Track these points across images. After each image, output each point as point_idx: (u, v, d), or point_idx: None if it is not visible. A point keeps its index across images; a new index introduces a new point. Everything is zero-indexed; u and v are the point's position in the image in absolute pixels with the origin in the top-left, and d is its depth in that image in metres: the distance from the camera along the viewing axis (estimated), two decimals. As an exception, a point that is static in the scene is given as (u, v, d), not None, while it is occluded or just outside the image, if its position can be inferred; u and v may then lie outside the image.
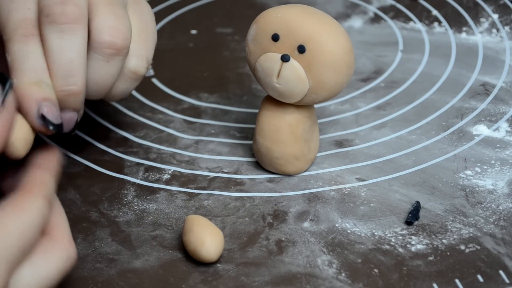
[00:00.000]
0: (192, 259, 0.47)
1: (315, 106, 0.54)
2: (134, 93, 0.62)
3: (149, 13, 0.52)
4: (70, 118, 0.46)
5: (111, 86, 0.48)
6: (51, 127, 0.44)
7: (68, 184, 0.53)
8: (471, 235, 0.49)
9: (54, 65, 0.45)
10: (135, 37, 0.48)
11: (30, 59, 0.44)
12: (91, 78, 0.47)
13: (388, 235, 0.49)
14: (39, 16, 0.45)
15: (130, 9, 0.50)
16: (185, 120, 0.59)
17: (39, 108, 0.44)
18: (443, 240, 0.48)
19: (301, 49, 0.48)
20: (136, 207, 0.51)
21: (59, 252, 0.42)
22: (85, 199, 0.52)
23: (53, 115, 0.44)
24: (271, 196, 0.52)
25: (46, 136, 0.57)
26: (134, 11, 0.50)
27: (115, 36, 0.46)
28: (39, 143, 0.46)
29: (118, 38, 0.46)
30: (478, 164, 0.54)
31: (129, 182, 0.53)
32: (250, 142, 0.56)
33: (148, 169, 0.55)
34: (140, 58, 0.49)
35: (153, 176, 0.54)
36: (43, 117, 0.44)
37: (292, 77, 0.49)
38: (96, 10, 0.46)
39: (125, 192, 0.53)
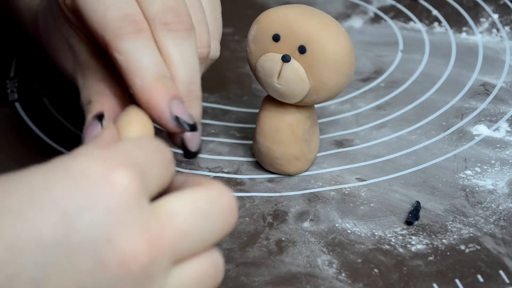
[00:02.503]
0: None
1: (315, 106, 0.54)
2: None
3: None
4: (196, 132, 0.42)
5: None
6: (187, 128, 0.41)
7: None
8: (471, 235, 0.49)
9: (177, 71, 0.42)
10: (208, 19, 0.46)
11: (147, 55, 0.41)
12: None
13: (388, 235, 0.49)
14: (150, 23, 0.42)
15: None
16: (185, 120, 0.59)
17: (171, 110, 0.41)
18: (443, 240, 0.48)
19: (302, 50, 0.48)
20: (136, 207, 0.51)
21: (212, 189, 0.37)
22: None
23: (186, 114, 0.41)
24: (271, 196, 0.52)
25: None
26: None
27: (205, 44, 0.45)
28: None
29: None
30: (478, 164, 0.54)
31: (129, 182, 0.53)
32: (250, 142, 0.56)
33: (148, 169, 0.54)
34: (214, 42, 0.47)
35: (153, 176, 0.54)
36: (177, 118, 0.41)
37: (292, 78, 0.49)
38: None
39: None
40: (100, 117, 0.42)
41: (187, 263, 0.36)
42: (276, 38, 0.49)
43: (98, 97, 0.44)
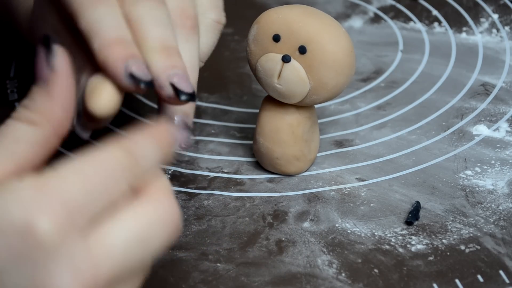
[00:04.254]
0: (193, 259, 0.47)
1: (315, 106, 0.54)
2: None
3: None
4: (183, 75, 0.42)
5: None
6: (142, 85, 0.40)
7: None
8: (471, 235, 0.49)
9: (147, 31, 0.42)
10: None
11: (107, 19, 0.41)
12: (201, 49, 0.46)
13: (388, 235, 0.49)
14: None
15: None
16: (185, 120, 0.59)
17: (126, 67, 0.40)
18: (443, 240, 0.48)
19: (302, 50, 0.48)
20: (136, 207, 0.51)
21: (155, 209, 0.35)
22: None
23: (142, 71, 0.40)
24: (271, 196, 0.52)
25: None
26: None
27: (219, 14, 0.48)
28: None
29: (221, 15, 0.48)
30: (478, 164, 0.54)
31: (129, 182, 0.53)
32: (250, 142, 0.56)
33: (148, 169, 0.54)
34: (218, 8, 0.49)
35: (153, 176, 0.54)
36: (132, 76, 0.40)
37: (293, 78, 0.49)
38: None
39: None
40: (47, 40, 0.38)
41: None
42: (276, 38, 0.49)
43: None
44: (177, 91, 0.41)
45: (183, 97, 0.41)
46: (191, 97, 0.41)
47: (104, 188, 0.34)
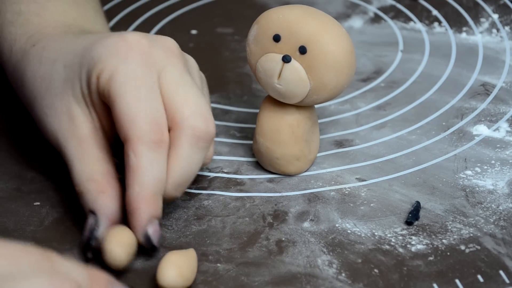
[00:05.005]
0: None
1: (316, 106, 0.54)
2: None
3: (199, 71, 0.52)
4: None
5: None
6: (151, 247, 0.46)
7: (68, 184, 0.53)
8: (471, 235, 0.49)
9: (176, 174, 0.46)
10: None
11: (155, 169, 0.45)
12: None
13: (388, 235, 0.49)
14: (179, 123, 0.46)
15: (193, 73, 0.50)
16: (185, 120, 0.59)
17: (147, 227, 0.45)
18: (443, 240, 0.48)
19: (302, 50, 0.48)
20: (136, 207, 0.51)
21: None
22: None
23: (157, 236, 0.46)
24: (271, 196, 0.52)
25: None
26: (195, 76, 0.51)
27: (208, 125, 0.47)
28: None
29: (210, 127, 0.47)
30: (478, 164, 0.54)
31: (129, 182, 0.53)
32: (250, 142, 0.56)
33: (148, 169, 0.54)
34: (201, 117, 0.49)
35: (153, 176, 0.54)
36: (147, 236, 0.45)
37: (293, 78, 0.49)
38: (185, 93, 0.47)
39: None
40: (94, 216, 0.46)
41: None
42: (276, 38, 0.49)
43: (104, 179, 0.47)
44: (148, 240, 0.46)
45: (152, 249, 0.46)
46: (156, 250, 0.46)
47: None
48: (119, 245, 0.45)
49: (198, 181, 0.53)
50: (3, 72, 0.61)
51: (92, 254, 0.46)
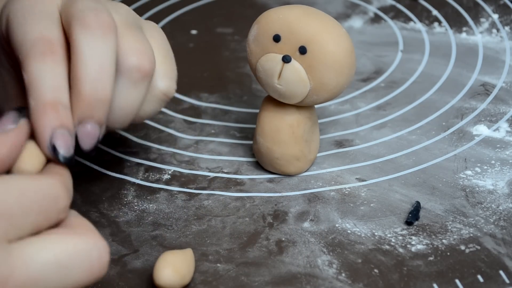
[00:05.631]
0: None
1: (316, 106, 0.54)
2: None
3: (163, 36, 0.50)
4: (93, 132, 0.43)
5: (137, 111, 0.46)
6: (61, 160, 0.42)
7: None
8: (471, 235, 0.49)
9: (82, 69, 0.43)
10: (160, 59, 0.47)
11: (47, 78, 0.42)
12: (117, 104, 0.45)
13: (388, 235, 0.49)
14: (69, 21, 0.44)
15: (146, 33, 0.48)
16: (185, 120, 0.59)
17: (51, 137, 0.41)
18: (443, 240, 0.48)
19: (303, 50, 0.48)
20: (136, 207, 0.51)
21: (82, 241, 0.38)
22: (85, 199, 0.52)
23: (66, 146, 0.42)
24: (271, 196, 0.52)
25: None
26: (150, 35, 0.48)
27: (142, 59, 0.45)
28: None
29: (145, 61, 0.45)
30: (478, 164, 0.54)
31: (129, 182, 0.53)
32: (250, 142, 0.56)
33: (148, 169, 0.55)
34: (170, 80, 0.48)
35: (153, 176, 0.54)
36: (54, 148, 0.42)
37: (293, 78, 0.49)
38: (119, 33, 0.45)
39: (125, 192, 0.53)
40: (20, 110, 0.42)
41: None
42: (276, 38, 0.49)
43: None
44: (55, 152, 0.42)
45: (61, 159, 0.42)
46: (69, 161, 0.42)
47: (37, 209, 0.36)
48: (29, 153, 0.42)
49: (198, 181, 0.54)
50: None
51: None
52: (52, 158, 0.42)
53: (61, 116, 0.42)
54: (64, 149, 0.42)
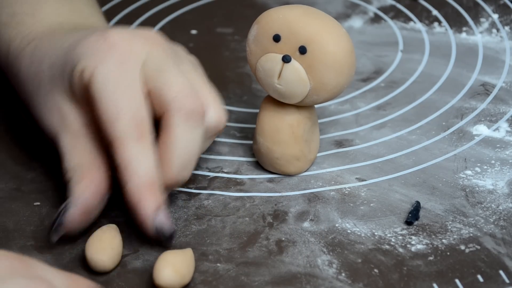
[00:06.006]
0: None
1: (316, 106, 0.54)
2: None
3: (198, 65, 0.53)
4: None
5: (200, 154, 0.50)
6: (165, 238, 0.46)
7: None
8: (471, 235, 0.49)
9: (175, 155, 0.46)
10: (206, 94, 0.50)
11: (143, 160, 0.45)
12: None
13: (388, 235, 0.49)
14: (166, 106, 0.46)
15: (188, 68, 0.51)
16: (185, 120, 0.59)
17: (155, 221, 0.45)
18: (443, 240, 0.48)
19: (303, 50, 0.48)
20: (136, 207, 0.51)
21: None
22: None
23: (168, 225, 0.46)
24: (271, 196, 0.52)
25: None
26: (194, 70, 0.51)
27: (222, 119, 0.49)
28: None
29: (196, 104, 0.47)
30: (478, 164, 0.54)
31: (129, 182, 0.53)
32: (250, 142, 0.56)
33: (148, 169, 0.54)
34: (218, 112, 0.50)
35: (153, 176, 0.54)
36: (158, 228, 0.45)
37: (293, 78, 0.49)
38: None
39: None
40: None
41: None
42: (276, 38, 0.49)
43: (87, 169, 0.47)
44: (160, 232, 0.46)
45: (165, 238, 0.46)
46: (172, 239, 0.46)
47: None
48: (98, 251, 0.45)
49: (198, 181, 0.53)
50: (3, 72, 0.61)
51: (59, 238, 0.46)
52: (154, 237, 0.45)
53: (159, 197, 0.45)
54: (168, 229, 0.45)
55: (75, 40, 0.49)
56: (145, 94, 0.47)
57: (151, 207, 0.45)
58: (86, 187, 0.47)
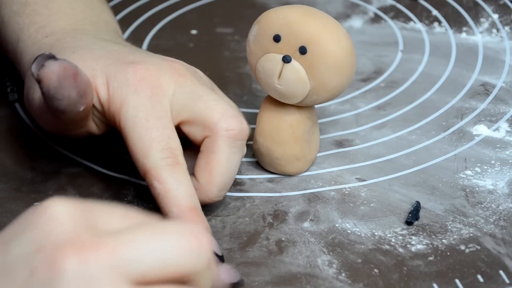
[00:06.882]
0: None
1: (316, 106, 0.54)
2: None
3: (206, 77, 0.54)
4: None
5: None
6: (217, 259, 0.45)
7: (68, 184, 0.53)
8: (471, 235, 0.49)
9: (220, 176, 0.48)
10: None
11: (182, 187, 0.46)
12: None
13: (388, 235, 0.49)
14: (213, 128, 0.48)
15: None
16: (185, 120, 0.59)
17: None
18: (443, 240, 0.48)
19: (303, 50, 0.48)
20: (136, 207, 0.51)
21: (184, 233, 0.35)
22: (85, 199, 0.52)
23: (217, 247, 0.46)
24: (271, 196, 0.52)
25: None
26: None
27: (234, 123, 0.49)
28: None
29: (238, 124, 0.49)
30: (478, 164, 0.54)
31: (129, 182, 0.53)
32: (250, 142, 0.56)
33: (148, 169, 0.54)
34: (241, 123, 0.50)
35: (153, 176, 0.54)
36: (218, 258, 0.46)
37: (293, 78, 0.49)
38: None
39: (125, 192, 0.53)
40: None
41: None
42: (276, 38, 0.49)
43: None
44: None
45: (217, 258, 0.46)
46: (221, 258, 0.47)
47: (159, 265, 0.33)
48: None
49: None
50: (2, 73, 0.61)
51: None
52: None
53: (204, 220, 0.47)
54: (218, 249, 0.46)
55: (105, 61, 0.50)
56: (175, 125, 0.49)
57: (203, 230, 0.44)
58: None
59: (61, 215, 0.33)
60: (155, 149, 0.46)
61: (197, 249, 0.34)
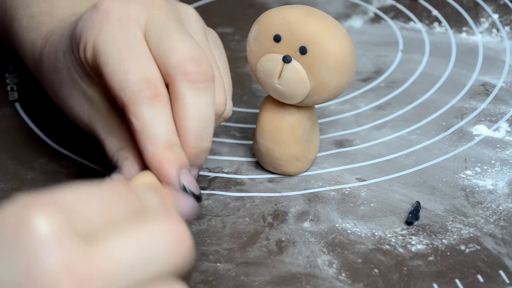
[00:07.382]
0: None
1: (316, 106, 0.54)
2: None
3: (222, 47, 0.52)
4: (195, 176, 0.45)
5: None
6: (192, 197, 0.43)
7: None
8: (471, 235, 0.49)
9: (189, 123, 0.44)
10: (217, 75, 0.47)
11: (160, 121, 0.43)
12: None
13: (388, 235, 0.49)
14: (170, 73, 0.44)
15: (210, 42, 0.50)
16: (185, 120, 0.59)
17: (180, 180, 0.43)
18: (443, 240, 0.48)
19: (303, 50, 0.48)
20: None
21: (158, 229, 0.34)
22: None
23: (193, 184, 0.43)
24: (271, 196, 0.52)
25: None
26: (213, 45, 0.50)
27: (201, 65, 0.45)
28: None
29: (205, 67, 0.45)
30: (478, 164, 0.54)
31: (129, 182, 0.53)
32: (250, 142, 0.56)
33: (148, 169, 0.54)
34: (228, 101, 0.48)
35: (153, 176, 0.54)
36: (184, 187, 0.43)
37: (293, 78, 0.49)
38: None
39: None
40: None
41: None
42: (277, 38, 0.49)
43: (131, 144, 0.46)
44: (186, 191, 0.43)
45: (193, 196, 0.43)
46: (200, 199, 0.44)
47: (103, 205, 0.34)
48: None
49: (198, 181, 0.53)
50: (2, 73, 0.61)
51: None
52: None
53: (181, 157, 0.43)
54: (195, 188, 0.43)
55: (76, 19, 0.47)
56: (149, 50, 0.45)
57: (175, 166, 0.43)
58: (132, 164, 0.45)
59: (45, 233, 0.31)
60: (130, 81, 0.43)
61: (177, 250, 0.33)
